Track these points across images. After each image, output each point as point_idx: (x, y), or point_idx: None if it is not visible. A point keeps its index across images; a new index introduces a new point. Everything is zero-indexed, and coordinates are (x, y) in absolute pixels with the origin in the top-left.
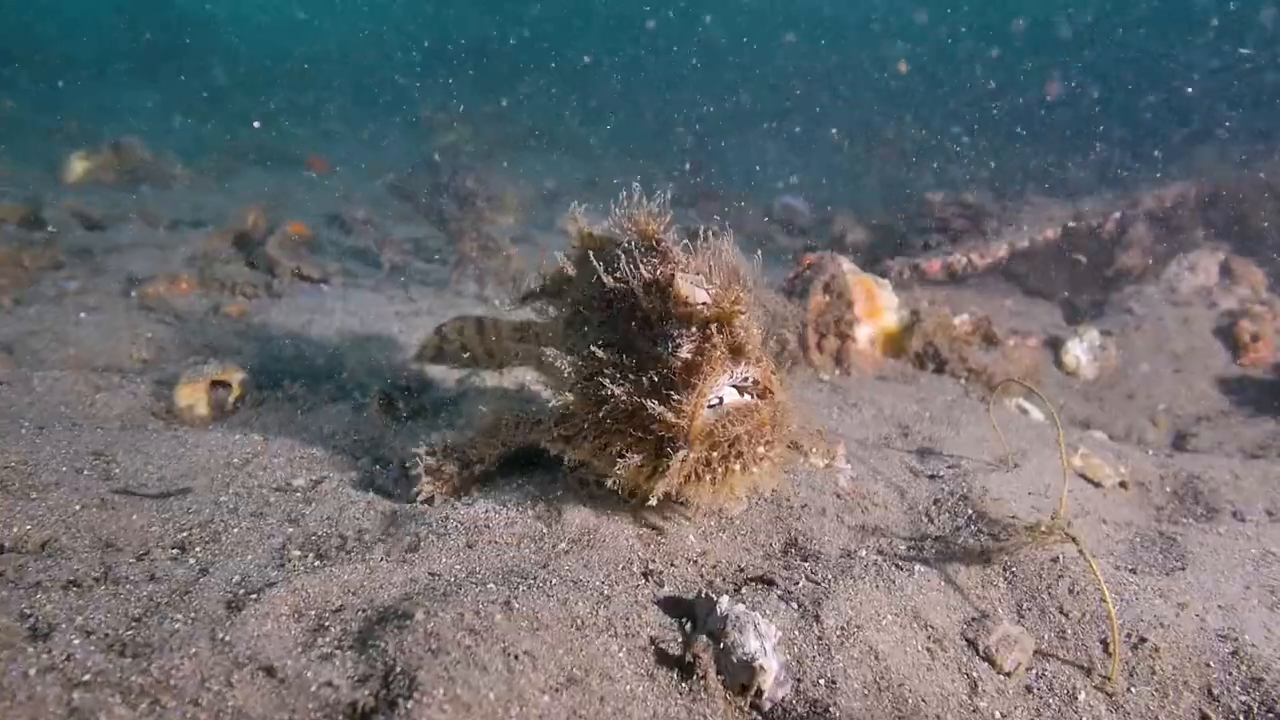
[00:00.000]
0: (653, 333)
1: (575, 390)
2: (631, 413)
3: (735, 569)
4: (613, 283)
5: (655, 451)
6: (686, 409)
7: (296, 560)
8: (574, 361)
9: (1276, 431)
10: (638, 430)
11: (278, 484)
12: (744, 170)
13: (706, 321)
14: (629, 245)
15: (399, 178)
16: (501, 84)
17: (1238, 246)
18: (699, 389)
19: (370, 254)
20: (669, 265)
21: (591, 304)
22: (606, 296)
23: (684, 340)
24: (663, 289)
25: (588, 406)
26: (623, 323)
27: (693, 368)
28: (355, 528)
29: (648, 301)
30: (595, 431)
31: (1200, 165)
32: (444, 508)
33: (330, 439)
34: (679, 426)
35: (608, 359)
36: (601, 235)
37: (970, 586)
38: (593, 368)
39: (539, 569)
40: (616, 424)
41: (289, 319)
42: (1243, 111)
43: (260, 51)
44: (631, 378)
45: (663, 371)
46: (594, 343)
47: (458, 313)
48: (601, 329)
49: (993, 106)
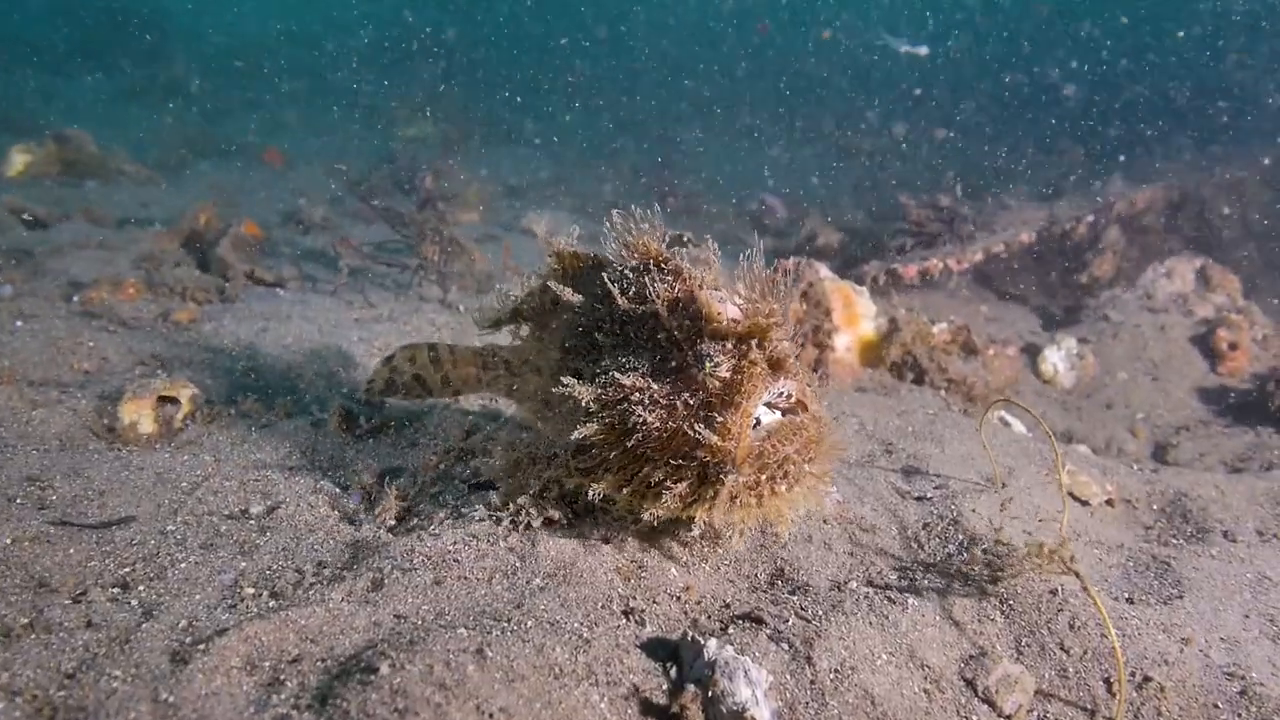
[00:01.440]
0: (682, 354)
1: (597, 419)
2: (667, 439)
3: (721, 604)
4: (627, 304)
5: (699, 478)
6: (733, 430)
7: (249, 600)
8: (592, 389)
9: (1256, 443)
10: (676, 458)
11: (230, 510)
12: (712, 168)
13: (742, 337)
14: (639, 266)
15: (358, 173)
16: (464, 76)
17: (1200, 248)
18: (743, 408)
19: (328, 256)
20: (686, 282)
21: (600, 328)
22: (620, 319)
23: (721, 358)
24: (689, 307)
25: (613, 436)
26: (643, 346)
27: (733, 386)
28: (314, 560)
29: (673, 321)
30: (623, 462)
31: (1166, 168)
32: (410, 538)
33: (287, 459)
34: (725, 449)
35: (633, 384)
36: (588, 254)
37: (966, 621)
38: (615, 395)
39: (513, 609)
40: (650, 453)
41: (242, 326)
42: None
43: (215, 39)
44: (664, 403)
45: (698, 393)
46: (615, 368)
47: (421, 319)
48: (617, 353)
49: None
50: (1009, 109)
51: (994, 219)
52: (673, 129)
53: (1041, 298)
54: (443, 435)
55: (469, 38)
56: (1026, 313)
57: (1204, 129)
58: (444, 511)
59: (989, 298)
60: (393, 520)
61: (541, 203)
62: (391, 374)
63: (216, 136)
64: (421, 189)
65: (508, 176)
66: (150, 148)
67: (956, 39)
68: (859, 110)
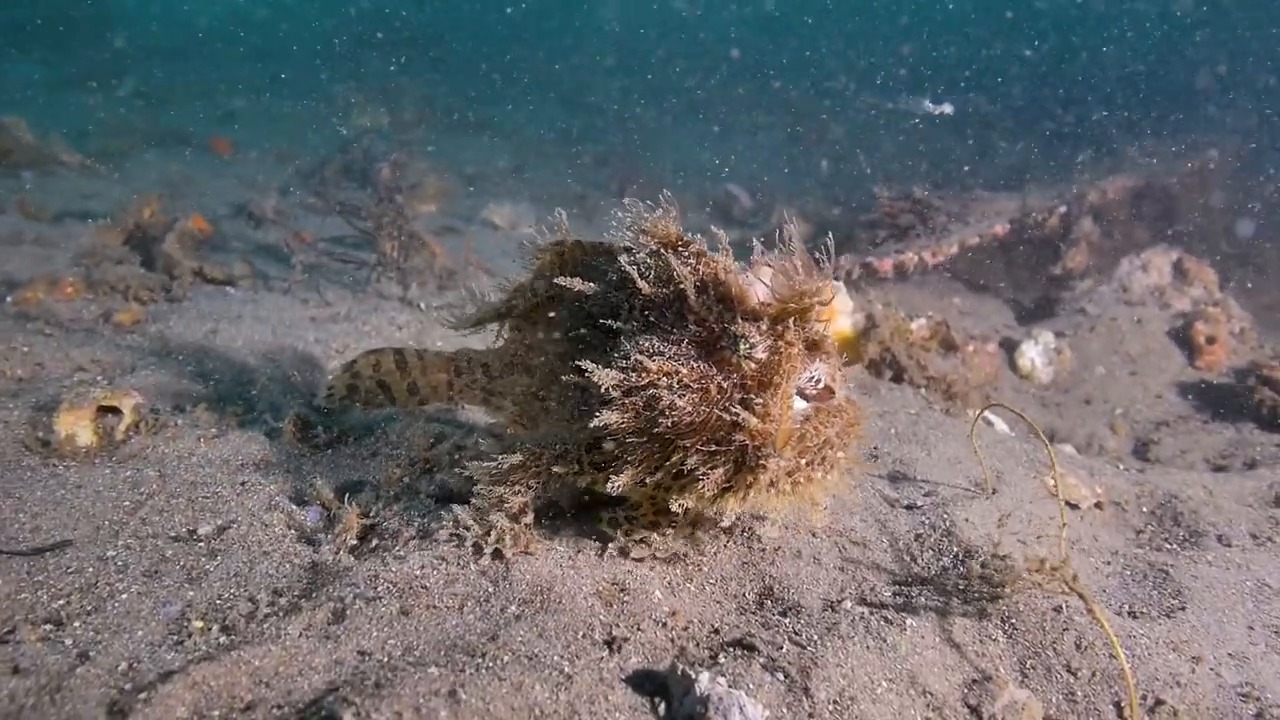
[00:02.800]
0: (713, 337)
1: (619, 407)
2: (700, 424)
3: (709, 630)
4: (650, 289)
5: (736, 464)
6: (773, 412)
7: (198, 635)
8: (614, 374)
9: (1237, 439)
10: (711, 443)
11: (176, 532)
12: (676, 157)
13: (777, 317)
14: (657, 250)
15: (312, 163)
16: (421, 62)
17: (1173, 240)
18: (782, 389)
19: (282, 251)
20: (711, 265)
21: (616, 315)
22: (641, 306)
23: (757, 339)
24: (717, 289)
25: (638, 424)
26: (669, 330)
27: (769, 367)
28: (269, 587)
29: (702, 304)
30: (650, 450)
31: (1136, 157)
32: (373, 562)
33: (239, 472)
34: (766, 432)
35: (660, 368)
36: (591, 243)
37: (967, 642)
38: (640, 380)
39: (487, 642)
40: (680, 439)
41: (190, 328)
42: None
43: (160, 23)
44: (695, 387)
45: (732, 376)
46: (637, 354)
47: (380, 318)
48: (639, 339)
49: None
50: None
51: (966, 210)
52: (636, 117)
53: (1015, 290)
54: (406, 445)
55: (427, 23)
56: (1000, 305)
57: (1169, 119)
58: (410, 529)
59: (961, 290)
60: (354, 540)
61: (502, 193)
62: (353, 380)
63: (162, 125)
64: (379, 181)
65: (467, 166)
66: (91, 136)
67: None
68: (828, 97)
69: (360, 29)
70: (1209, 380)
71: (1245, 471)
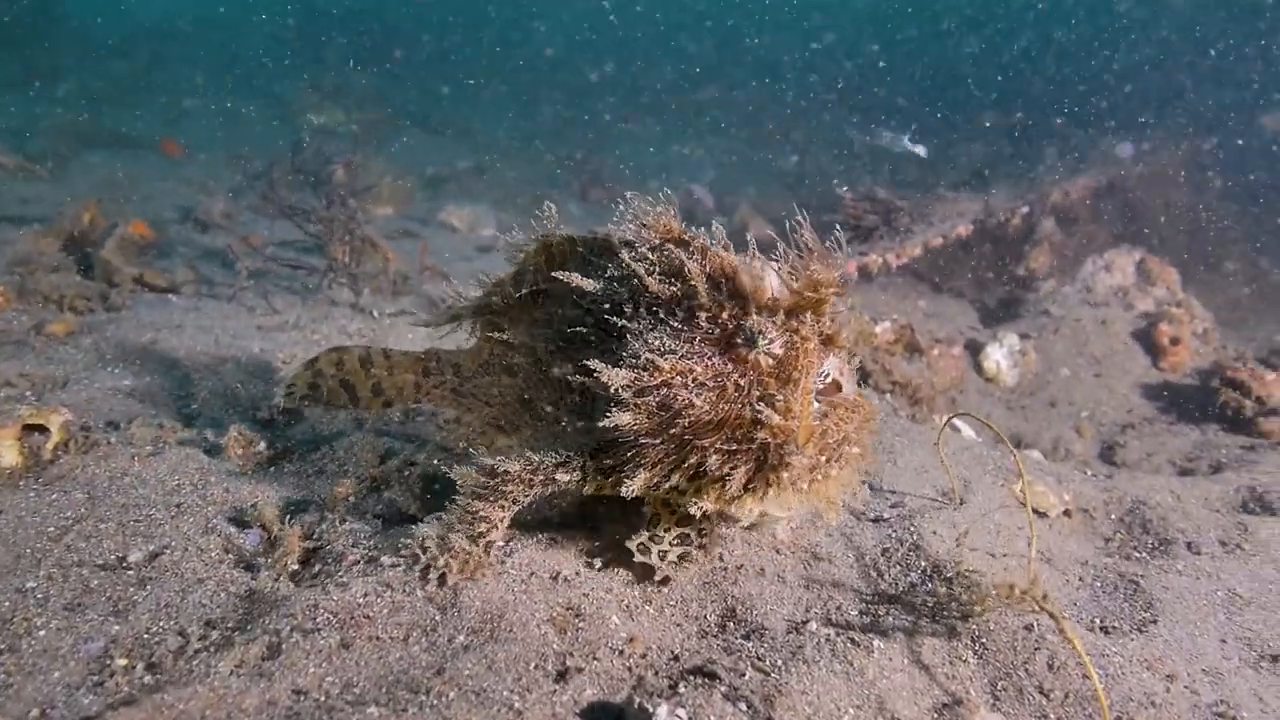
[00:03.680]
0: (726, 332)
1: (630, 409)
2: (718, 423)
3: (669, 656)
4: (658, 285)
5: (757, 463)
6: (794, 409)
7: (120, 675)
8: (625, 374)
9: (1202, 441)
10: (732, 442)
11: (104, 559)
12: (639, 159)
13: (792, 310)
14: (660, 244)
15: (264, 165)
16: (379, 60)
17: (1134, 240)
18: (802, 384)
19: (229, 257)
20: (718, 259)
21: (620, 312)
22: (648, 302)
23: (773, 334)
24: (729, 283)
25: (652, 424)
26: (678, 327)
27: (787, 363)
28: (201, 619)
29: (713, 298)
30: (664, 452)
31: (1098, 158)
32: (313, 590)
33: (175, 493)
34: (788, 429)
35: (674, 366)
36: (584, 238)
37: (937, 664)
38: (653, 380)
39: (433, 676)
40: (697, 439)
41: (128, 338)
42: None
43: (109, 20)
44: (711, 384)
45: (749, 373)
46: (646, 352)
47: (331, 326)
48: (647, 337)
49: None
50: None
51: (929, 210)
52: (598, 118)
53: (979, 291)
54: (354, 461)
55: (385, 22)
56: (965, 306)
57: (1128, 119)
58: (355, 553)
59: (926, 291)
60: (295, 565)
61: (461, 195)
62: (315, 378)
63: (107, 126)
64: (334, 178)
65: (425, 167)
66: (31, 138)
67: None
68: (790, 98)
69: (318, 27)
70: (1173, 381)
71: (1212, 475)
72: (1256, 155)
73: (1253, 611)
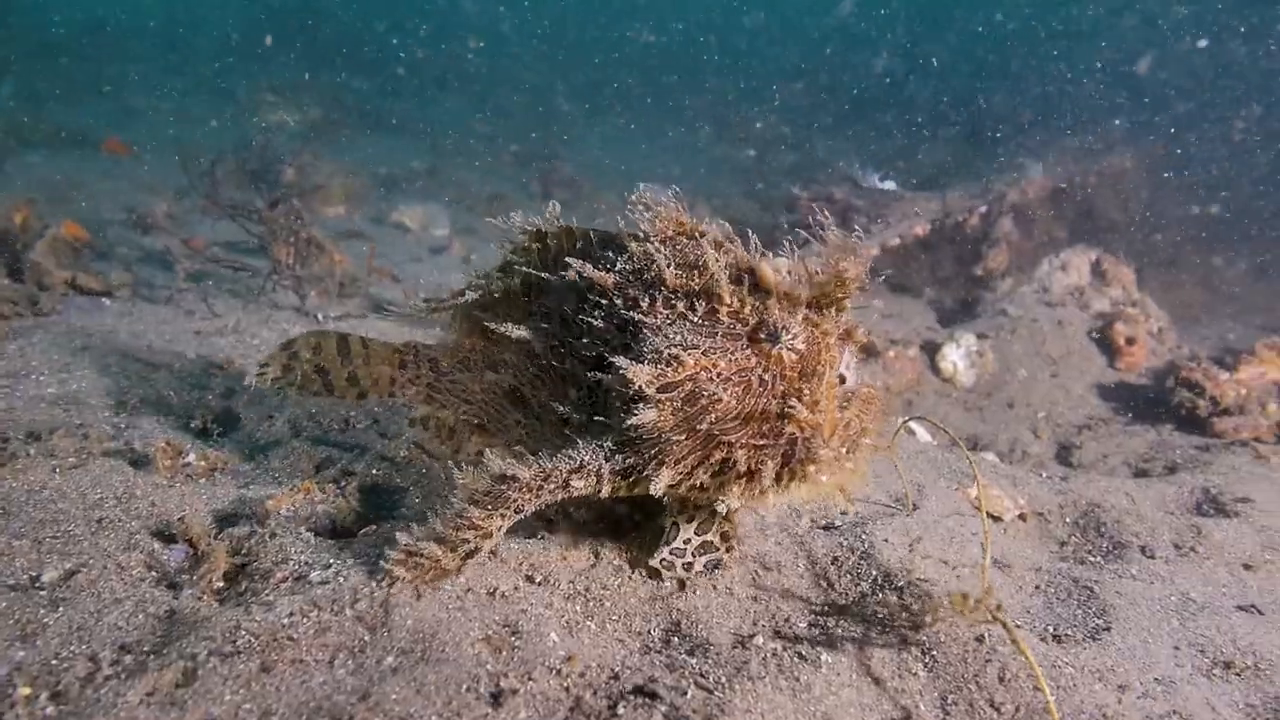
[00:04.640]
0: (748, 327)
1: (655, 405)
2: (745, 418)
3: (608, 675)
4: (674, 279)
5: (785, 456)
6: (820, 402)
7: (21, 706)
8: (649, 370)
9: (1158, 441)
10: (759, 436)
11: (16, 580)
12: (596, 156)
13: (814, 304)
14: (672, 238)
15: (210, 163)
16: (331, 57)
17: (1090, 238)
18: (826, 377)
19: (169, 258)
20: (735, 253)
21: (635, 306)
22: (665, 296)
23: (797, 328)
24: (750, 277)
25: (677, 421)
26: (699, 321)
27: (809, 357)
28: (115, 643)
29: (734, 293)
30: (689, 449)
31: (1053, 156)
32: (236, 610)
33: (97, 507)
34: (816, 423)
35: (699, 361)
36: (585, 231)
37: (886, 676)
38: (678, 375)
39: (357, 702)
40: (724, 435)
41: (56, 345)
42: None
43: (56, 13)
44: (736, 379)
45: (772, 367)
46: (667, 347)
47: (272, 330)
48: (668, 332)
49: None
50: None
51: (886, 209)
52: (555, 115)
53: (937, 290)
54: (289, 471)
55: (340, 19)
56: (923, 307)
57: (1083, 118)
58: (284, 569)
59: (883, 291)
60: (220, 583)
61: (414, 194)
62: (290, 360)
63: (51, 124)
64: (282, 177)
65: (378, 166)
66: None
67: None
68: (747, 95)
69: (270, 23)
70: (1129, 381)
71: (1166, 476)
72: (1211, 155)
73: (1206, 616)
